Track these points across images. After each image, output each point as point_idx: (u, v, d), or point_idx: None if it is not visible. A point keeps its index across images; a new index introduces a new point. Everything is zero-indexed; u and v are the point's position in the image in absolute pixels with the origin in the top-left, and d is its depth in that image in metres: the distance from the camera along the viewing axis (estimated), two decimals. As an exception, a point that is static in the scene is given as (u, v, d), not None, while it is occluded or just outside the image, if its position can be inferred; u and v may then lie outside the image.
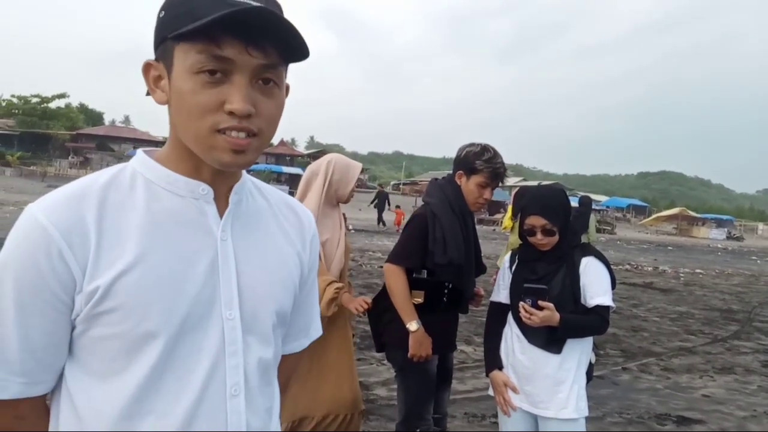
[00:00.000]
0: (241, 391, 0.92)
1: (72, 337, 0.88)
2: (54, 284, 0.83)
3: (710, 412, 4.71)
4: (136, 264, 0.85)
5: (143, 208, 0.88)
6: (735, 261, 24.48)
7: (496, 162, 2.60)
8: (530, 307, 2.26)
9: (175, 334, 0.86)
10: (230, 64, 0.82)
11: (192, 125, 0.85)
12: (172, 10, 0.85)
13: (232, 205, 0.96)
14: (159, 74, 0.88)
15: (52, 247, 0.82)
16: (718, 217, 61.44)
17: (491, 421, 4.12)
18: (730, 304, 11.06)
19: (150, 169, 0.92)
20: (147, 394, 0.86)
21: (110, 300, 0.84)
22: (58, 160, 49.78)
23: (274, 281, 0.99)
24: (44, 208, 0.84)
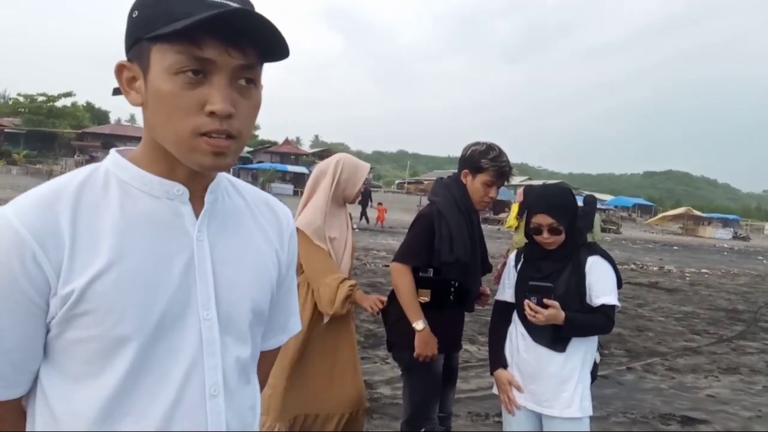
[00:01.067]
0: (221, 391, 0.92)
1: (47, 340, 0.87)
2: (28, 288, 0.82)
3: (715, 412, 4.70)
4: (110, 266, 0.84)
5: (117, 210, 0.87)
6: (741, 261, 24.39)
7: (502, 160, 2.60)
8: (535, 305, 2.26)
9: (151, 336, 0.86)
10: (210, 65, 0.82)
11: (172, 127, 0.83)
12: (146, 10, 0.83)
13: (208, 205, 0.95)
14: (133, 75, 0.87)
15: (26, 251, 0.81)
16: (724, 217, 61.15)
17: (495, 420, 4.12)
18: (736, 304, 11.02)
19: (123, 169, 0.91)
20: (124, 396, 0.85)
21: (85, 303, 0.83)
22: (64, 158, 49.93)
23: (251, 280, 0.99)
24: (17, 211, 0.83)
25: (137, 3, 0.85)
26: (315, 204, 2.71)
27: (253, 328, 1.00)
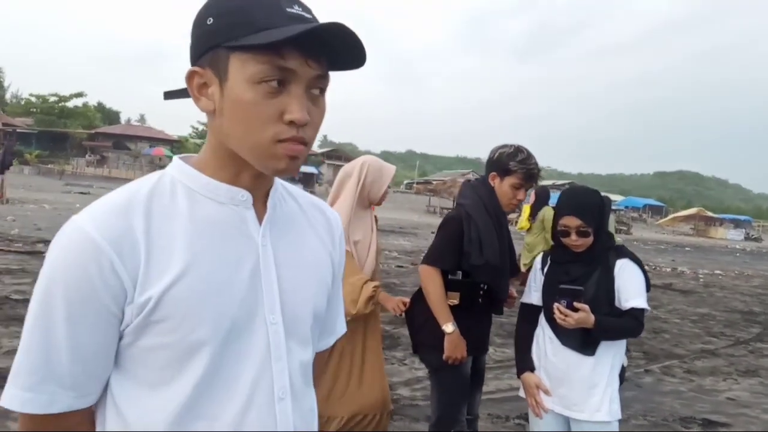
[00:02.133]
0: (288, 394, 0.93)
1: (119, 348, 0.87)
2: (105, 296, 0.82)
3: (736, 415, 4.66)
4: (185, 273, 0.85)
5: (186, 217, 0.88)
6: (754, 262, 24.17)
7: (530, 163, 2.59)
8: (565, 308, 2.24)
9: (223, 341, 0.87)
10: (291, 75, 0.83)
11: (252, 135, 0.85)
12: (224, 19, 0.84)
13: (270, 210, 0.97)
14: (204, 81, 0.87)
15: (103, 260, 0.81)
16: (735, 218, 60.65)
17: (515, 422, 4.10)
18: (751, 306, 10.92)
19: (189, 176, 0.92)
20: (197, 401, 0.86)
21: (162, 310, 0.84)
22: (75, 158, 50.33)
23: (311, 283, 1.01)
24: (92, 220, 0.83)
25: (212, 10, 0.86)
26: (340, 206, 2.72)
27: (312, 331, 1.01)
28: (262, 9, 0.82)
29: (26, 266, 8.10)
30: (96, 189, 31.33)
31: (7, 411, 2.86)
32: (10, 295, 6.38)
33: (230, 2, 0.84)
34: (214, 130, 0.90)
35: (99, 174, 45.68)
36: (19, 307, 5.95)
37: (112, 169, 48.46)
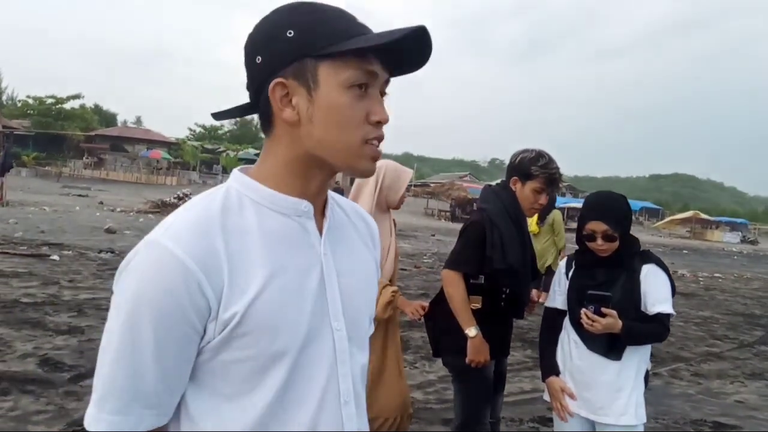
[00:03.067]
0: (351, 397, 0.96)
1: (196, 363, 0.88)
2: (192, 316, 0.83)
3: (745, 418, 4.69)
4: (265, 288, 0.86)
5: (257, 230, 0.90)
6: (752, 265, 24.29)
7: (552, 167, 2.62)
8: (593, 313, 2.27)
9: (300, 349, 0.89)
10: (373, 78, 0.89)
11: (345, 137, 0.89)
12: (308, 31, 0.87)
13: (330, 219, 1.00)
14: (287, 92, 0.89)
15: (192, 281, 0.82)
16: (731, 221, 60.88)
17: (529, 425, 4.13)
18: (753, 308, 10.99)
19: (253, 190, 0.93)
20: (275, 409, 0.88)
21: (246, 325, 0.85)
22: (72, 160, 50.14)
23: (366, 289, 1.04)
24: (177, 241, 0.83)
25: (291, 23, 0.88)
26: None
27: (368, 335, 1.06)
28: (342, 21, 0.88)
29: (33, 269, 8.10)
30: (94, 191, 31.26)
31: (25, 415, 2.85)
32: (20, 298, 6.38)
33: (310, 16, 0.88)
34: (293, 140, 0.91)
35: (96, 176, 45.53)
36: (29, 310, 5.96)
37: (110, 171, 48.30)
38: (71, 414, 3.60)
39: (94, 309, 6.28)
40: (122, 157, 53.17)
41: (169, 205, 22.05)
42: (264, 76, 0.90)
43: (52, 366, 4.41)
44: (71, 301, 6.57)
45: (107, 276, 8.26)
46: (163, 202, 22.46)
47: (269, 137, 0.94)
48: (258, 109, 0.94)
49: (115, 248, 11.03)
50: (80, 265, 8.95)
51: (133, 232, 14.49)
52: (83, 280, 7.82)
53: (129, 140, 56.27)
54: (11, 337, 4.97)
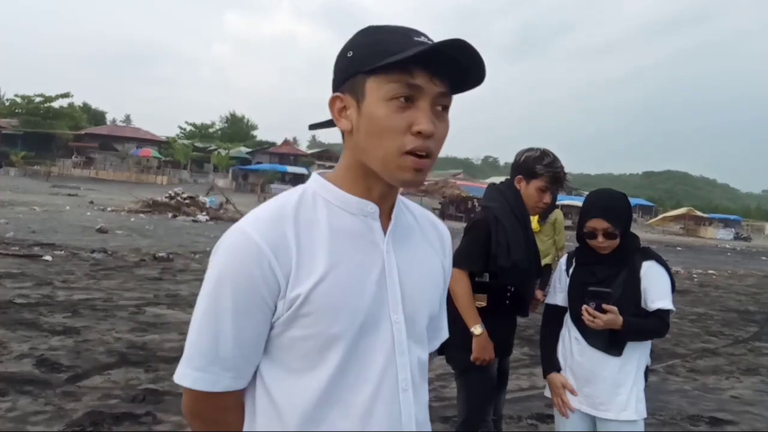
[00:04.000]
0: (410, 386, 1.04)
1: (270, 337, 1.00)
2: (264, 292, 0.96)
3: (741, 413, 4.73)
4: (327, 274, 0.97)
5: (326, 225, 1.01)
6: (745, 261, 24.49)
7: (556, 166, 2.63)
8: (594, 310, 2.28)
9: (356, 335, 0.99)
10: (418, 91, 0.95)
11: (382, 146, 0.96)
12: (363, 50, 0.98)
13: (394, 222, 1.09)
14: (344, 105, 1.00)
15: (264, 261, 0.95)
16: (725, 217, 61.28)
17: (528, 422, 4.15)
18: (747, 305, 11.09)
19: (327, 190, 1.05)
20: (334, 387, 0.98)
21: (308, 305, 0.96)
22: (61, 159, 49.89)
23: (427, 288, 1.12)
24: (255, 227, 0.97)
25: (352, 44, 1.00)
26: None
27: (427, 332, 1.13)
28: (395, 39, 0.96)
29: (26, 270, 8.06)
30: (84, 191, 31.12)
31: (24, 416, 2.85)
32: (14, 299, 6.35)
33: (368, 37, 0.99)
34: (350, 147, 1.03)
35: (86, 175, 45.34)
36: (24, 311, 5.92)
37: (99, 171, 48.12)
38: (70, 414, 3.58)
39: (89, 309, 6.25)
40: (112, 156, 52.96)
41: (161, 204, 21.96)
42: (333, 90, 1.03)
43: (49, 366, 4.39)
44: (65, 301, 6.54)
45: (101, 276, 8.24)
46: (154, 201, 22.36)
47: (343, 144, 1.06)
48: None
49: (107, 248, 10.99)
50: (73, 266, 8.91)
51: (125, 232, 14.44)
52: (77, 281, 7.79)
53: (118, 139, 56.05)
54: (7, 338, 4.94)
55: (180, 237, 14.66)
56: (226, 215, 22.77)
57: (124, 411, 3.69)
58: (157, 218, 19.67)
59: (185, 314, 6.45)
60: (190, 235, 15.47)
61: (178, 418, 3.66)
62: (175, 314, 6.43)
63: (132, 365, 4.61)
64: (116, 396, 3.93)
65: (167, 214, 20.90)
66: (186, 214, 21.12)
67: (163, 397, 3.99)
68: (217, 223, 20.36)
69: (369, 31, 1.00)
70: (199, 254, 11.57)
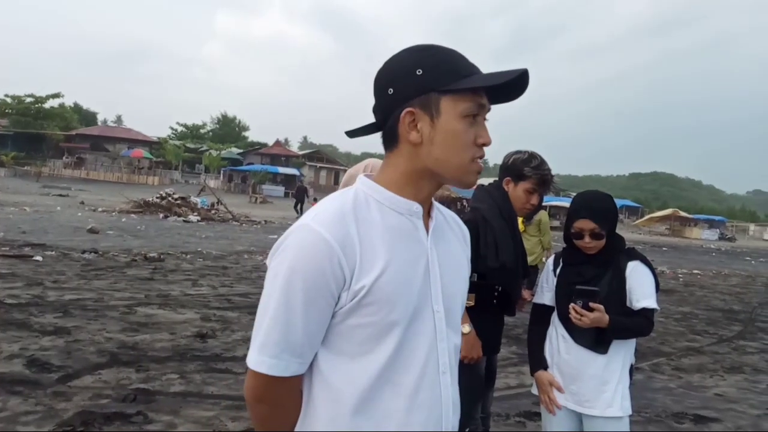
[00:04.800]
0: (448, 370, 1.16)
1: (329, 326, 1.10)
2: (332, 285, 1.06)
3: (725, 410, 4.80)
4: (386, 269, 1.08)
5: (381, 223, 1.12)
6: (730, 262, 24.75)
7: (544, 169, 2.68)
8: (581, 308, 2.33)
9: (408, 322, 1.10)
10: (483, 110, 1.11)
11: (458, 157, 1.11)
12: (434, 70, 1.09)
13: (435, 221, 1.21)
14: (414, 119, 1.10)
15: (333, 256, 1.04)
16: (710, 218, 61.76)
17: (515, 420, 4.21)
18: (731, 304, 11.22)
19: (378, 192, 1.15)
20: (387, 370, 1.09)
21: (371, 296, 1.07)
22: (52, 160, 49.47)
23: (460, 280, 1.26)
24: (324, 225, 1.06)
25: (420, 62, 1.10)
26: None
27: (459, 319, 1.26)
28: (460, 61, 1.10)
29: (16, 270, 8.03)
30: (75, 191, 30.90)
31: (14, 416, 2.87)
32: (4, 299, 6.33)
33: (435, 58, 1.10)
34: (412, 157, 1.13)
35: (76, 176, 44.98)
36: (14, 311, 5.91)
37: (90, 171, 47.75)
38: (60, 414, 3.59)
39: (80, 309, 6.24)
40: (103, 156, 52.56)
41: (152, 205, 21.87)
42: (395, 104, 1.11)
43: (40, 367, 4.39)
44: (56, 301, 6.53)
45: (92, 276, 8.22)
46: (145, 201, 22.26)
47: (392, 151, 1.15)
48: (383, 129, 1.15)
49: (98, 248, 10.96)
50: (64, 266, 8.88)
51: (116, 232, 14.39)
52: (67, 281, 7.77)
53: (110, 139, 55.63)
54: (-2, 339, 4.94)
55: (171, 237, 14.62)
56: (218, 216, 22.71)
57: (115, 411, 3.71)
58: (149, 219, 19.59)
59: (176, 314, 6.47)
60: (181, 235, 15.43)
61: (170, 418, 3.69)
62: (166, 314, 6.44)
63: (123, 365, 4.63)
64: (107, 396, 3.95)
65: (158, 214, 20.83)
66: (177, 215, 21.06)
67: (154, 396, 4.01)
68: (209, 223, 20.32)
69: (431, 52, 1.11)
70: (190, 254, 11.56)
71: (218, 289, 8.22)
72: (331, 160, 65.56)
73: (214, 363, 4.90)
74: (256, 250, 13.55)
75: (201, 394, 4.16)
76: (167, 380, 4.37)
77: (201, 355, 5.08)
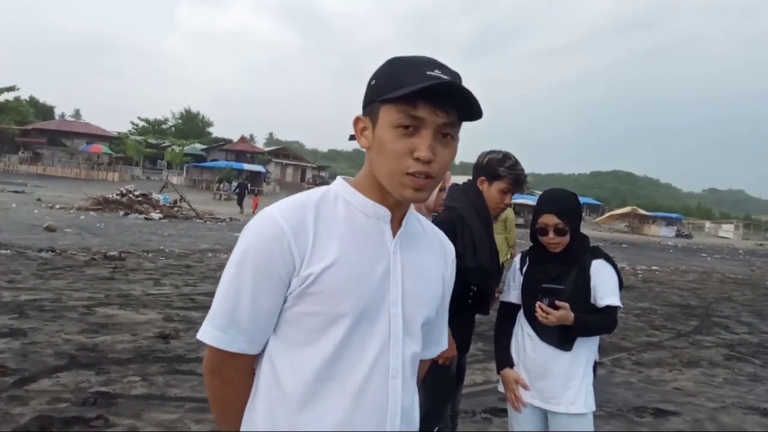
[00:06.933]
0: (399, 375, 1.15)
1: (281, 311, 1.13)
2: (281, 267, 1.10)
3: (683, 404, 4.94)
4: (337, 261, 1.11)
5: (343, 221, 1.16)
6: (687, 258, 25.47)
7: (518, 169, 2.69)
8: (547, 306, 2.36)
9: (357, 319, 1.12)
10: (421, 122, 1.08)
11: (388, 166, 1.11)
12: (381, 81, 1.12)
13: (403, 228, 1.23)
14: (364, 126, 1.16)
15: (284, 240, 1.10)
16: (667, 216, 63.51)
17: (481, 416, 4.24)
18: (688, 300, 11.55)
19: (349, 193, 1.20)
20: (332, 363, 1.11)
21: (317, 285, 1.10)
22: (7, 155, 47.87)
23: (426, 292, 1.25)
24: (281, 212, 1.12)
25: (376, 73, 1.14)
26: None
27: (422, 332, 1.24)
28: (408, 73, 1.08)
29: (-32, 269, 7.72)
30: (31, 187, 29.92)
31: None
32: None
33: (389, 69, 1.12)
34: (368, 161, 1.18)
35: (33, 172, 43.63)
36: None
37: (47, 167, 46.40)
38: (17, 419, 3.48)
39: (37, 310, 6.05)
40: (60, 151, 51.09)
41: (112, 202, 21.36)
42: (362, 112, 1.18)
43: (-6, 370, 4.24)
44: (11, 302, 6.32)
45: (49, 276, 7.97)
46: (105, 198, 21.72)
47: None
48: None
49: (56, 247, 10.65)
50: (19, 265, 8.60)
51: (75, 230, 14.00)
52: (23, 281, 7.53)
53: (67, 134, 54.09)
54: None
55: (132, 235, 14.30)
56: (181, 213, 22.30)
57: (75, 415, 3.61)
58: (108, 216, 19.12)
59: (138, 314, 6.32)
60: (142, 233, 15.10)
61: (131, 422, 3.60)
62: (127, 314, 6.28)
63: (82, 367, 4.50)
64: (66, 400, 3.83)
65: (119, 211, 20.35)
66: (138, 212, 20.60)
67: (115, 400, 3.91)
68: (171, 221, 19.94)
69: (392, 63, 1.13)
70: (152, 253, 11.32)
71: (181, 289, 8.08)
72: (297, 156, 65.00)
73: (177, 364, 4.80)
74: (220, 248, 13.36)
75: (164, 397, 4.08)
76: (128, 383, 4.27)
77: (163, 357, 4.97)
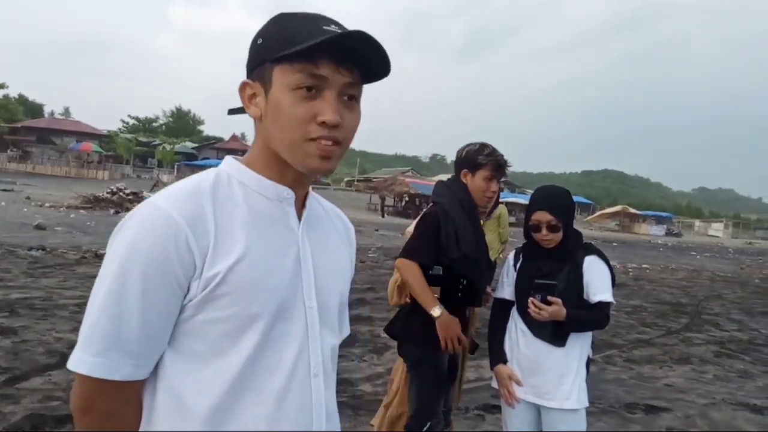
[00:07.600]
0: (321, 372, 1.03)
1: (176, 323, 0.94)
2: (178, 270, 0.90)
3: (674, 400, 4.97)
4: (245, 255, 0.94)
5: (244, 206, 0.99)
6: (677, 256, 25.63)
7: (498, 154, 2.73)
8: (539, 302, 2.37)
9: (274, 317, 0.97)
10: (323, 82, 0.93)
11: (288, 134, 0.95)
12: (270, 38, 0.96)
13: (308, 209, 1.09)
14: (254, 92, 0.99)
15: (180, 235, 0.90)
16: (657, 214, 63.84)
17: (474, 413, 4.25)
18: (679, 297, 11.63)
19: (241, 173, 1.03)
20: (248, 373, 0.94)
21: (226, 285, 0.92)
22: (-5, 153, 47.43)
23: (337, 276, 1.12)
24: (168, 201, 0.92)
25: (262, 32, 0.99)
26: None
27: (337, 320, 1.13)
28: (301, 28, 0.94)
29: (-44, 268, 7.65)
30: (20, 186, 29.66)
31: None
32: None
33: (276, 25, 0.97)
34: (260, 133, 1.02)
35: (22, 170, 43.26)
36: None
37: (37, 165, 46.03)
38: (8, 418, 3.45)
39: (27, 309, 6.01)
40: (50, 150, 50.69)
41: (102, 200, 21.20)
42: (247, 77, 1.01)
43: (-16, 369, 4.20)
44: (2, 300, 6.27)
45: (39, 274, 7.92)
46: (95, 196, 21.57)
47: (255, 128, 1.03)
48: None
49: (46, 245, 10.57)
50: (9, 263, 8.53)
51: (65, 228, 13.90)
52: (14, 279, 7.47)
53: (57, 132, 53.69)
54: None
55: (122, 234, 14.19)
56: (171, 211, 22.14)
57: (66, 413, 3.58)
58: (99, 214, 18.99)
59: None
60: (132, 231, 14.99)
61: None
62: (119, 313, 6.25)
63: (74, 366, 4.47)
64: (57, 398, 3.81)
65: (109, 210, 20.21)
66: (129, 210, 20.46)
67: (108, 397, 3.90)
68: (161, 219, 19.80)
69: (279, 19, 0.98)
70: (142, 251, 11.24)
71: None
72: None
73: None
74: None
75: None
76: (121, 380, 4.24)
77: (156, 354, 4.95)
